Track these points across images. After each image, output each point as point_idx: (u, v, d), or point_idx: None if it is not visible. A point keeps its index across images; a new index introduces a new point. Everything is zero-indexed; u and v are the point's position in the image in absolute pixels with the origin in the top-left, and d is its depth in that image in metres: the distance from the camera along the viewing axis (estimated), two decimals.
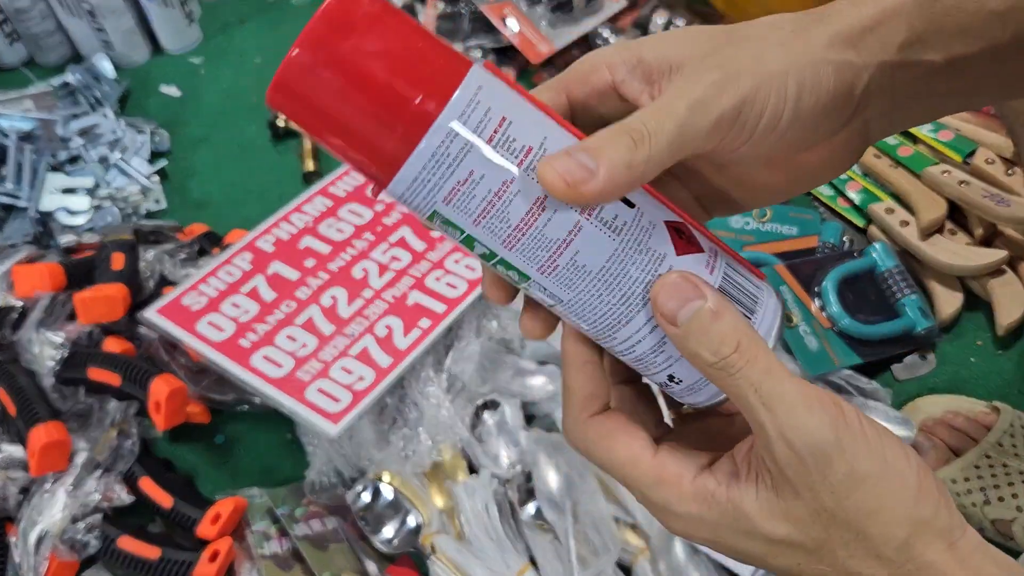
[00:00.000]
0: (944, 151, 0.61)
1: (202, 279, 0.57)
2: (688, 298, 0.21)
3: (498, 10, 0.79)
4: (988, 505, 0.47)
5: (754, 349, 0.21)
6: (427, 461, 0.50)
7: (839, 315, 0.55)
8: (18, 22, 0.84)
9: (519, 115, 0.21)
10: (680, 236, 0.22)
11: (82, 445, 0.51)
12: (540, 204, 0.21)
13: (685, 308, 0.21)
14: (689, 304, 0.21)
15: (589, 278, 0.22)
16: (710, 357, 0.21)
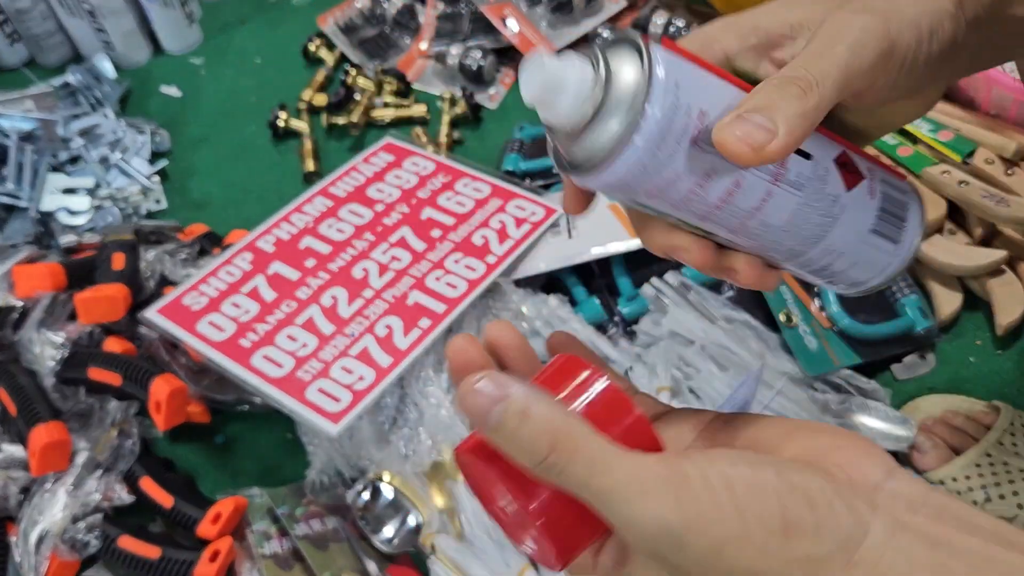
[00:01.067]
0: (944, 151, 0.61)
1: (203, 279, 0.57)
2: (492, 401, 0.19)
3: (498, 11, 0.79)
4: (989, 503, 0.47)
5: (571, 444, 0.19)
6: (427, 461, 0.50)
7: (839, 315, 0.55)
8: (19, 22, 0.84)
9: (713, 104, 0.22)
10: (847, 170, 0.24)
11: (83, 445, 0.51)
12: (737, 184, 0.22)
13: (490, 415, 0.19)
14: (494, 409, 0.19)
15: (773, 231, 0.24)
16: (530, 461, 0.20)
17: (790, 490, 0.19)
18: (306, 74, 0.83)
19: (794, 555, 0.19)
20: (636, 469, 0.19)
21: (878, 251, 0.25)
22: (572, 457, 0.19)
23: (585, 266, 0.59)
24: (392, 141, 0.69)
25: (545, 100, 0.21)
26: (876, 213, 0.25)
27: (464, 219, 0.61)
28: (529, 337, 0.55)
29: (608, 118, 0.21)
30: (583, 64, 0.22)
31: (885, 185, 0.25)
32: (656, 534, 0.19)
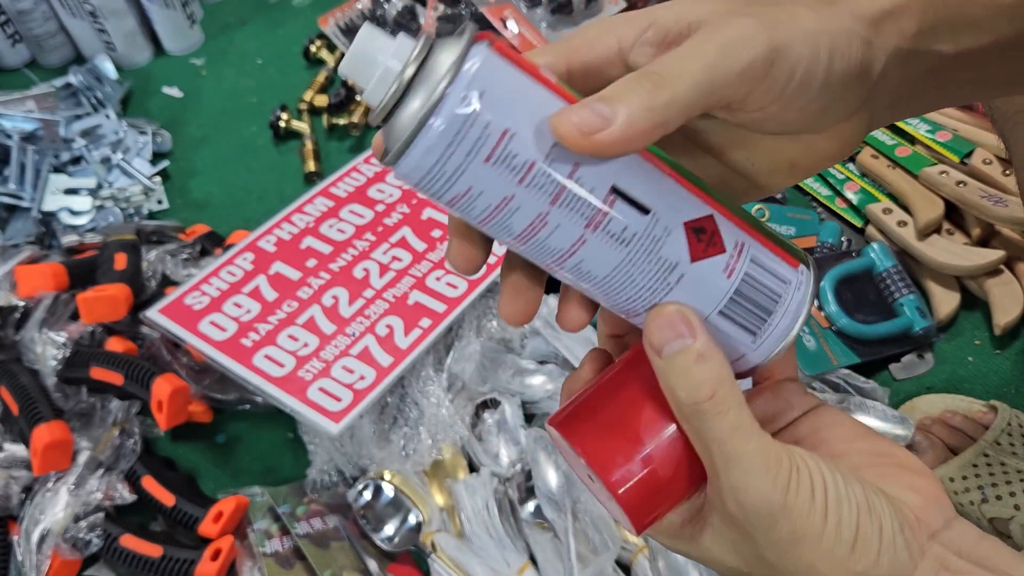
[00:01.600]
0: (942, 151, 0.62)
1: (204, 279, 0.57)
2: (678, 334, 0.21)
3: (498, 12, 0.79)
4: (986, 503, 0.47)
5: (728, 402, 0.21)
6: (428, 460, 0.51)
7: (837, 315, 0.55)
8: (20, 23, 0.84)
9: (523, 124, 0.19)
10: (699, 238, 0.21)
11: (84, 444, 0.51)
12: (542, 219, 0.20)
13: (672, 344, 0.21)
14: (677, 341, 0.21)
15: (592, 282, 0.21)
16: (684, 397, 0.21)
17: (869, 511, 0.21)
18: (307, 75, 0.83)
19: (854, 569, 0.21)
20: (767, 448, 0.21)
21: (727, 337, 0.22)
22: (724, 413, 0.21)
23: None
24: None
25: (355, 72, 0.20)
26: (729, 295, 0.21)
27: None
28: (529, 337, 0.56)
29: (405, 108, 0.19)
30: (402, 46, 0.20)
31: (757, 268, 0.22)
32: (757, 507, 0.21)
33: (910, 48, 0.22)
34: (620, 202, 0.20)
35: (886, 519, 0.21)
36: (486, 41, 0.20)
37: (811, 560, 0.21)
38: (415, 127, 0.19)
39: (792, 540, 0.21)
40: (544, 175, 0.20)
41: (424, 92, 0.19)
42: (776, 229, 0.64)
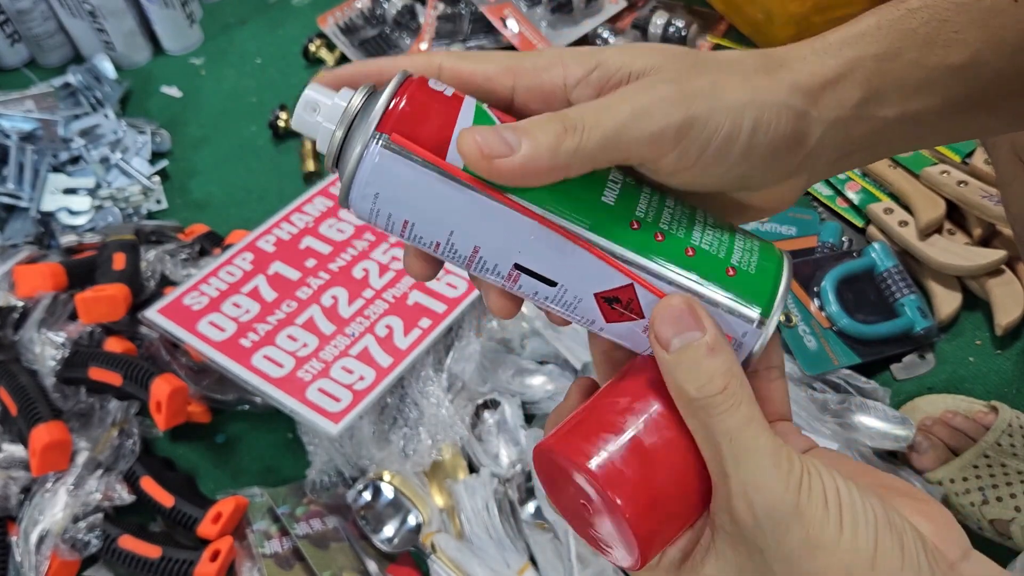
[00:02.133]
0: (943, 151, 0.61)
1: (203, 279, 0.57)
2: (687, 327, 0.20)
3: (498, 11, 0.79)
4: (986, 505, 0.47)
5: (740, 395, 0.20)
6: (427, 460, 0.50)
7: (838, 315, 0.55)
8: (19, 23, 0.84)
9: (421, 214, 0.21)
10: (612, 306, 0.21)
11: (83, 445, 0.51)
12: (471, 267, 0.22)
13: (681, 337, 0.20)
14: (686, 334, 0.20)
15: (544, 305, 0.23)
16: (695, 392, 0.20)
17: (889, 528, 0.20)
18: (306, 74, 0.83)
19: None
20: (779, 446, 0.20)
21: None
22: (736, 407, 0.20)
23: None
24: None
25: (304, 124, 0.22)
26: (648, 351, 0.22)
27: None
28: (529, 338, 0.55)
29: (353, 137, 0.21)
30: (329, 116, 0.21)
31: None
32: (769, 508, 0.20)
33: (852, 115, 0.22)
34: (525, 276, 0.21)
35: (907, 536, 0.20)
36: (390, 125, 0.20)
37: (825, 572, 0.20)
38: (342, 196, 0.21)
39: (805, 549, 0.20)
40: (452, 252, 0.22)
41: (345, 178, 0.21)
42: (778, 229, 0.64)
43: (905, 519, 0.21)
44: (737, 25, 0.79)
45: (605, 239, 0.21)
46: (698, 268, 0.21)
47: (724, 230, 0.22)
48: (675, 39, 0.78)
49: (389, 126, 0.20)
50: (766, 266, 0.22)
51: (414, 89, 0.21)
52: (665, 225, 0.22)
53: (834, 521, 0.20)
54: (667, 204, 0.22)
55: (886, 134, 0.23)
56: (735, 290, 0.22)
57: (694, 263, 0.21)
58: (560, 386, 0.52)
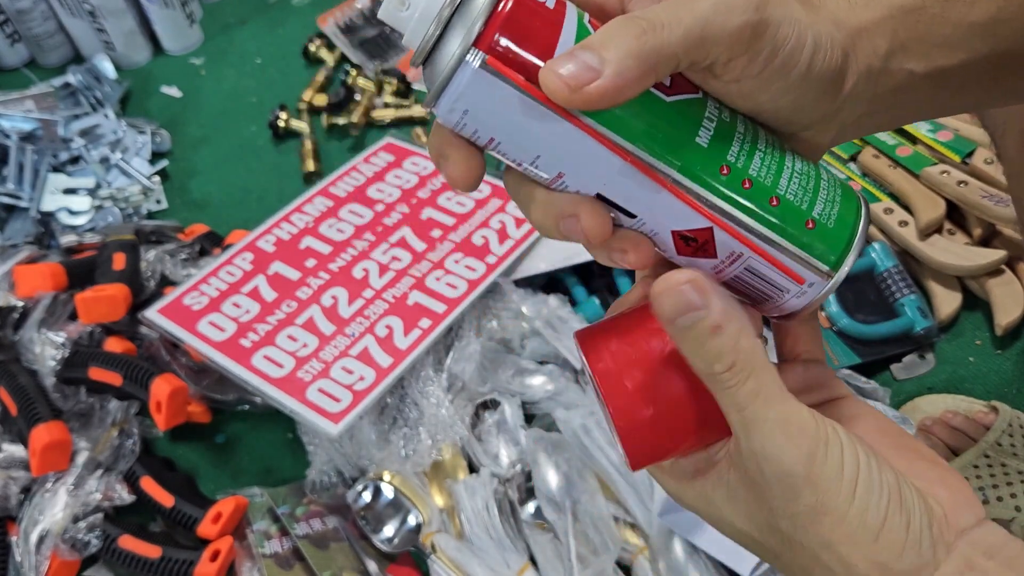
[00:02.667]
0: (943, 151, 0.61)
1: (203, 279, 0.57)
2: (689, 306, 0.20)
3: None
4: (987, 504, 0.47)
5: (747, 370, 0.20)
6: (427, 460, 0.50)
7: (838, 315, 0.55)
8: (19, 23, 0.84)
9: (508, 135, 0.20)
10: (687, 244, 0.22)
11: (83, 445, 0.51)
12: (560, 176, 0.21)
13: (684, 317, 0.20)
14: (689, 314, 0.20)
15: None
16: (702, 367, 0.21)
17: (900, 505, 0.20)
18: (306, 74, 0.83)
19: (876, 558, 0.20)
20: (791, 413, 0.20)
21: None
22: (744, 381, 0.20)
23: (585, 266, 0.59)
24: (392, 141, 0.70)
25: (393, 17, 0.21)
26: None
27: (464, 219, 0.61)
28: (529, 337, 0.55)
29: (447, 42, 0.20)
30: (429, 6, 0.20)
31: (750, 275, 0.22)
32: (778, 474, 0.20)
33: (880, 67, 0.22)
34: (605, 204, 0.21)
35: (915, 515, 0.20)
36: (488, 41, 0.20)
37: (830, 538, 0.20)
38: (429, 100, 0.20)
39: (813, 513, 0.20)
40: (534, 171, 0.21)
41: (435, 85, 0.20)
42: None
43: (916, 496, 0.21)
44: None
45: (693, 183, 0.21)
46: (779, 218, 0.22)
47: (811, 177, 0.22)
48: None
49: (487, 43, 0.19)
50: (845, 218, 0.22)
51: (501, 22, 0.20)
52: (755, 172, 0.21)
53: (847, 490, 0.20)
54: (759, 147, 0.22)
55: (912, 92, 0.23)
56: (811, 243, 0.22)
57: (777, 213, 0.22)
58: (560, 386, 0.52)
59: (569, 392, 0.52)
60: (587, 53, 0.19)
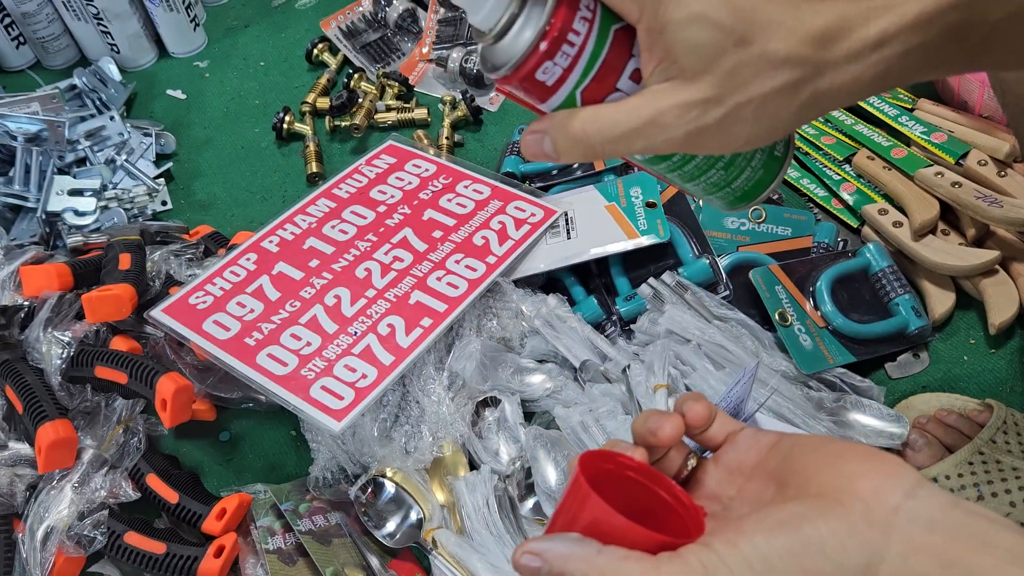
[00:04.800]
0: (937, 153, 0.62)
1: (208, 279, 0.58)
2: (534, 572, 0.24)
3: None
4: (981, 501, 0.48)
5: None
6: (428, 457, 0.51)
7: (833, 314, 0.56)
8: (24, 25, 0.85)
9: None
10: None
11: (89, 442, 0.52)
12: None
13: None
14: (539, 573, 0.24)
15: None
16: None
17: (804, 547, 0.22)
18: (309, 77, 0.84)
19: None
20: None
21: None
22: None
23: (584, 266, 0.60)
24: (394, 143, 0.70)
25: (471, 5, 0.26)
26: None
27: (465, 220, 0.62)
28: (529, 337, 0.56)
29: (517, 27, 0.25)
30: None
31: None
32: None
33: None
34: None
35: (827, 538, 0.22)
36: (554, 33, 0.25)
37: None
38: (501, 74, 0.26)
39: None
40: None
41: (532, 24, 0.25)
42: (774, 229, 0.65)
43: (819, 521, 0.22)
44: None
45: None
46: None
47: None
48: None
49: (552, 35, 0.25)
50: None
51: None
52: None
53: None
54: None
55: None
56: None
57: None
58: (559, 384, 0.53)
59: (568, 390, 0.53)
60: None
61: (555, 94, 0.26)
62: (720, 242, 0.61)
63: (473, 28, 0.27)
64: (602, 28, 0.25)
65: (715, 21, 0.23)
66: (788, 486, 0.24)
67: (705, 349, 0.53)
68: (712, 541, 0.23)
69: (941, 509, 0.22)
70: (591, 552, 0.23)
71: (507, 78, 0.26)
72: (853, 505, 0.22)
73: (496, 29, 0.25)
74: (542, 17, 0.25)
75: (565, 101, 0.26)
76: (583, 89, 0.26)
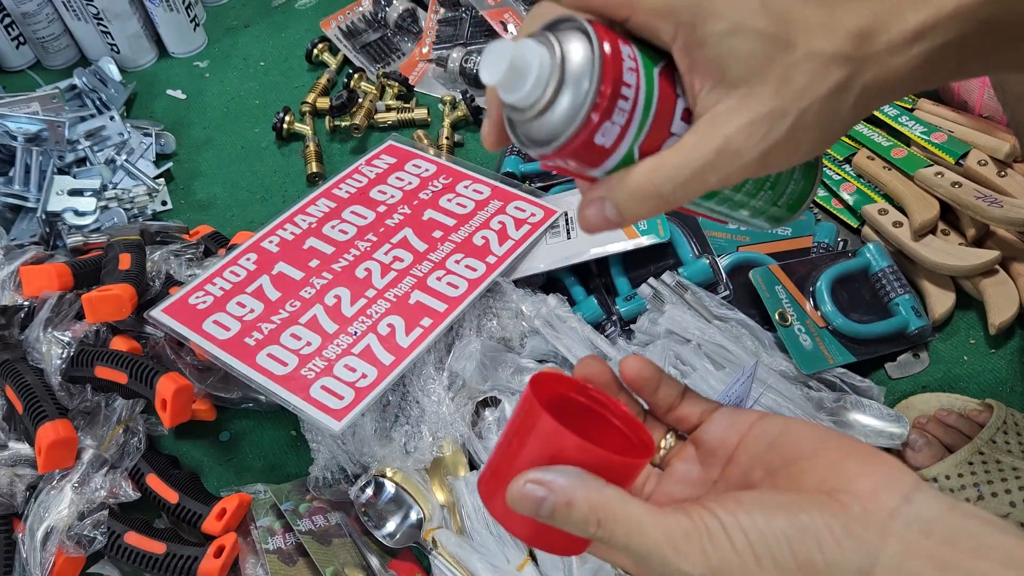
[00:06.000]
0: (937, 153, 0.62)
1: (208, 279, 0.58)
2: (539, 499, 0.23)
3: (498, 15, 0.80)
4: (981, 500, 0.48)
5: (612, 518, 0.23)
6: (428, 457, 0.51)
7: (833, 314, 0.56)
8: (24, 26, 0.85)
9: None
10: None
11: (89, 442, 0.52)
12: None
13: (541, 508, 0.23)
14: (543, 504, 0.23)
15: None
16: (582, 535, 0.23)
17: (800, 534, 0.21)
18: (309, 77, 0.84)
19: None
20: (667, 528, 0.22)
21: None
22: (614, 527, 0.23)
23: (584, 266, 0.60)
24: (394, 143, 0.70)
25: (508, 84, 0.23)
26: None
27: (465, 220, 0.62)
28: (529, 336, 0.56)
29: (565, 97, 0.23)
30: (542, 49, 0.23)
31: None
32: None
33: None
34: None
35: (823, 531, 0.21)
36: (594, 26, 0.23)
37: None
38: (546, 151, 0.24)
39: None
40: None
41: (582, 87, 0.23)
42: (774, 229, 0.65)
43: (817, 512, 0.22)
44: None
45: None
46: None
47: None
48: None
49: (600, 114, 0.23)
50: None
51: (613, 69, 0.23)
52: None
53: (749, 561, 0.21)
54: None
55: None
56: None
57: None
58: None
59: None
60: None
61: (613, 155, 0.24)
62: (720, 242, 0.61)
63: (508, 107, 0.24)
64: (647, 72, 0.24)
65: (756, 29, 0.23)
66: (779, 475, 0.24)
67: (705, 349, 0.53)
68: (712, 506, 0.23)
69: (938, 512, 0.22)
70: (598, 485, 0.23)
71: (560, 151, 0.24)
72: (851, 506, 0.22)
73: (541, 104, 0.23)
74: (593, 77, 0.22)
75: (623, 160, 0.24)
76: (641, 142, 0.24)
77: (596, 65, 0.23)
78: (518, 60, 0.23)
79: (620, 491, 0.23)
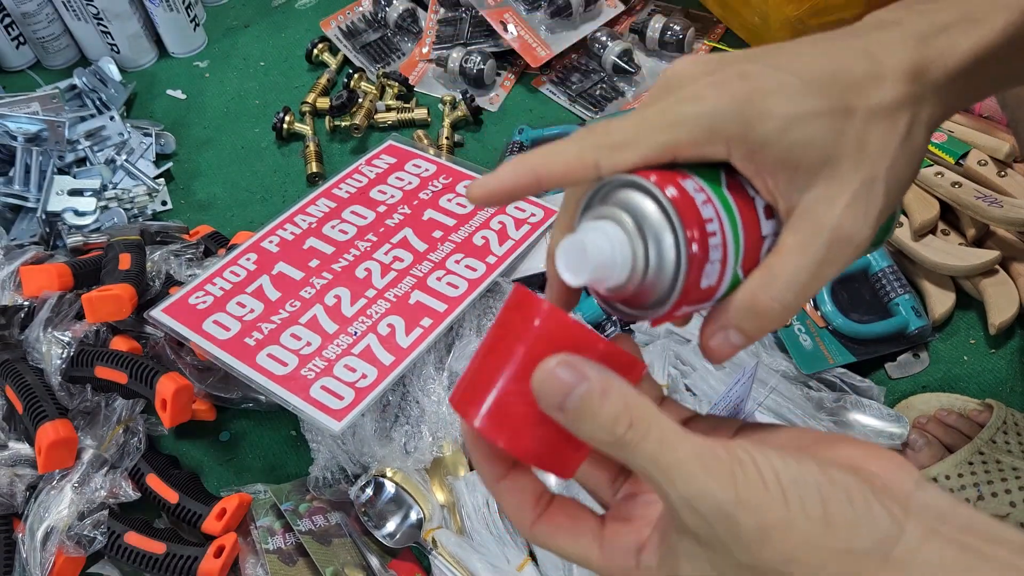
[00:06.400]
0: (937, 153, 0.62)
1: (208, 279, 0.58)
2: (569, 385, 0.20)
3: (498, 15, 0.80)
4: (981, 501, 0.48)
5: (647, 421, 0.20)
6: (428, 457, 0.51)
7: (833, 314, 0.56)
8: (24, 25, 0.85)
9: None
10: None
11: (89, 442, 0.52)
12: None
13: (570, 396, 0.20)
14: (573, 391, 0.20)
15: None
16: (606, 437, 0.21)
17: (831, 484, 0.20)
18: (309, 77, 0.84)
19: (834, 546, 0.20)
20: (698, 448, 0.20)
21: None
22: (646, 435, 0.20)
23: None
24: (394, 143, 0.70)
25: (598, 278, 0.22)
26: None
27: (465, 220, 0.62)
28: None
29: (656, 259, 0.22)
30: (612, 228, 0.22)
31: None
32: (711, 511, 0.20)
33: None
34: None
35: (854, 488, 0.20)
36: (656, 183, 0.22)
37: (787, 551, 0.20)
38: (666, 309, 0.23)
39: (760, 535, 0.20)
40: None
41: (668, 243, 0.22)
42: None
43: (847, 473, 0.21)
44: (734, 29, 0.80)
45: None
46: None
47: None
48: (672, 43, 0.79)
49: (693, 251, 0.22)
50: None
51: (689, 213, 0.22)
52: None
53: (777, 499, 0.20)
54: None
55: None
56: None
57: None
58: None
59: None
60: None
61: (720, 287, 0.23)
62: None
63: (599, 297, 0.23)
64: (718, 195, 0.22)
65: (810, 112, 0.22)
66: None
67: None
68: (743, 443, 0.21)
69: (949, 504, 0.21)
70: (627, 385, 0.21)
71: (671, 312, 0.22)
72: (873, 480, 0.21)
73: (636, 278, 0.22)
74: (676, 228, 0.21)
75: (730, 287, 0.23)
76: (742, 262, 0.23)
77: (673, 215, 0.21)
78: (596, 253, 0.22)
79: (650, 401, 0.21)
